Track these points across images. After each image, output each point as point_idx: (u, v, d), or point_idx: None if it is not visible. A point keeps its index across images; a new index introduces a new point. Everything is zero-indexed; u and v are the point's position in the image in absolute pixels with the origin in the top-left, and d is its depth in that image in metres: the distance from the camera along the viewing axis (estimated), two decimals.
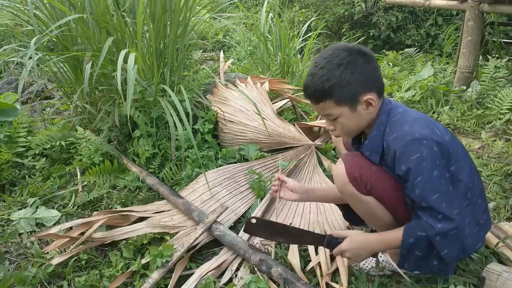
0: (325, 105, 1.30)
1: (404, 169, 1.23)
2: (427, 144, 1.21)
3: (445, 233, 1.21)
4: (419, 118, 1.28)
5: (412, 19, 5.93)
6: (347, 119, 1.32)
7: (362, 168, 1.34)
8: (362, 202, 1.36)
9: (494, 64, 3.32)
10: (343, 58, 1.25)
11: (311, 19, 4.43)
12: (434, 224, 1.21)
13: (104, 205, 2.07)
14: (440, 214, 1.20)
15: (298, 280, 1.44)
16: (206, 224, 1.74)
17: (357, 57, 1.26)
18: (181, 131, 1.99)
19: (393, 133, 1.28)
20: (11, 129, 2.43)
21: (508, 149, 2.51)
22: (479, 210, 1.37)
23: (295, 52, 3.60)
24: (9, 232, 1.85)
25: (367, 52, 1.29)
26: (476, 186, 1.36)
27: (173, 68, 2.45)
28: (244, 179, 2.18)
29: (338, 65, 1.25)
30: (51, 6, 2.30)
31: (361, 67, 1.26)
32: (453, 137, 1.33)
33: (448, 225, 1.20)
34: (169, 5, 2.24)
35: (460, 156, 1.29)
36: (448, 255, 1.25)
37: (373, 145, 1.33)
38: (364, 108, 1.30)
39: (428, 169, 1.20)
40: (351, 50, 1.27)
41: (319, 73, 1.27)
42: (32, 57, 1.87)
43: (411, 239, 1.26)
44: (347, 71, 1.24)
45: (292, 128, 2.52)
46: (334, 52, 1.28)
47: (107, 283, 1.53)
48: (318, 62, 1.29)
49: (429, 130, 1.24)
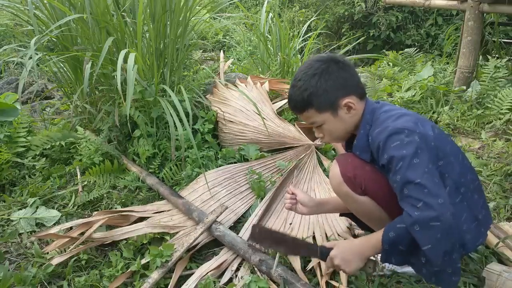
0: (308, 114, 1.37)
1: (386, 158, 1.22)
2: (408, 133, 1.21)
3: (424, 223, 1.12)
4: (404, 114, 1.30)
5: (412, 19, 5.93)
6: (331, 125, 1.37)
7: (356, 168, 1.36)
8: (358, 202, 1.38)
9: (494, 64, 3.32)
10: (316, 68, 1.33)
11: (311, 19, 4.42)
12: (411, 212, 1.14)
13: (104, 205, 2.07)
14: (419, 202, 1.13)
15: (297, 281, 1.44)
16: (206, 224, 1.74)
17: (330, 65, 1.33)
18: (181, 131, 1.99)
19: (376, 128, 1.30)
20: (11, 129, 2.43)
21: (508, 149, 2.51)
22: (477, 205, 1.34)
23: (295, 52, 3.60)
24: (9, 232, 1.86)
25: (340, 59, 1.35)
26: (470, 181, 1.34)
27: (173, 68, 2.45)
28: (244, 179, 2.18)
29: (313, 75, 1.32)
30: (51, 6, 2.30)
31: (335, 74, 1.32)
32: (441, 133, 1.32)
33: (427, 213, 1.11)
34: (169, 5, 2.25)
35: (448, 152, 1.28)
36: (431, 251, 1.13)
37: (362, 144, 1.36)
38: (346, 112, 1.34)
39: (409, 156, 1.18)
40: (323, 60, 1.35)
41: (298, 84, 1.35)
42: (32, 57, 1.87)
43: (391, 232, 1.22)
44: (321, 79, 1.31)
45: (292, 128, 2.52)
46: (309, 64, 1.36)
47: (107, 283, 1.53)
48: (297, 75, 1.37)
49: (413, 124, 1.24)
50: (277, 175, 2.26)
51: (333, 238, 1.68)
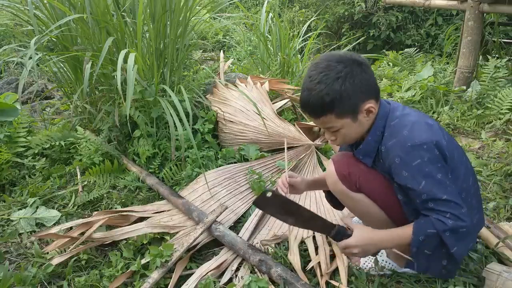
0: (326, 119, 1.28)
1: (406, 175, 1.23)
2: (427, 148, 1.21)
3: (455, 230, 1.21)
4: (418, 121, 1.27)
5: (412, 19, 5.93)
6: (349, 130, 1.31)
7: (351, 166, 1.38)
8: (353, 199, 1.40)
9: (494, 64, 3.32)
10: (340, 70, 1.22)
11: (311, 19, 4.42)
12: (446, 221, 1.21)
13: (104, 205, 2.07)
14: (447, 213, 1.21)
15: (297, 281, 1.44)
16: (205, 224, 1.74)
17: (353, 68, 1.23)
18: (181, 131, 1.99)
19: (392, 138, 1.27)
20: (11, 129, 2.43)
21: (508, 149, 2.51)
22: (473, 210, 1.37)
23: (295, 52, 3.60)
24: (9, 232, 1.86)
25: (362, 61, 1.27)
26: (471, 186, 1.36)
27: (173, 68, 2.45)
28: (244, 179, 2.18)
29: (336, 79, 1.21)
30: (51, 6, 2.30)
31: (358, 78, 1.23)
32: (450, 138, 1.33)
33: (458, 222, 1.21)
34: (169, 5, 2.25)
35: (455, 157, 1.30)
36: (457, 252, 1.25)
37: (367, 150, 1.35)
38: (365, 116, 1.29)
39: (431, 173, 1.21)
40: (346, 61, 1.24)
41: (317, 88, 1.23)
42: (32, 57, 1.87)
43: (421, 236, 1.25)
44: (345, 83, 1.22)
45: (292, 128, 2.52)
46: (329, 65, 1.24)
47: (107, 283, 1.53)
48: (314, 76, 1.25)
49: (429, 133, 1.23)
50: (277, 175, 2.26)
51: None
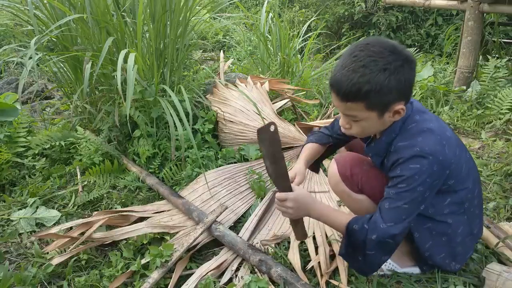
0: (353, 105, 1.18)
1: (398, 173, 1.23)
2: (431, 161, 1.18)
3: (382, 237, 1.22)
4: (434, 131, 1.23)
5: (412, 19, 5.92)
6: (370, 124, 1.23)
7: (353, 167, 1.38)
8: (355, 199, 1.41)
9: (494, 64, 3.32)
10: (389, 62, 1.12)
11: (311, 19, 4.43)
12: (379, 223, 1.23)
13: (104, 205, 2.07)
14: (391, 222, 1.22)
15: (297, 281, 1.44)
16: (205, 224, 1.74)
17: (404, 65, 1.14)
18: (181, 131, 1.99)
19: (405, 140, 1.24)
20: (11, 129, 2.43)
21: (508, 149, 2.51)
22: (475, 220, 1.39)
23: (295, 52, 3.60)
24: (9, 232, 1.86)
25: (413, 59, 1.17)
26: (476, 196, 1.37)
27: (173, 68, 2.45)
28: (244, 179, 2.18)
29: (383, 70, 1.11)
30: (51, 6, 2.30)
31: (405, 75, 1.14)
32: (462, 152, 1.31)
33: (391, 230, 1.22)
34: (169, 5, 2.24)
35: (463, 172, 1.29)
36: (372, 257, 1.27)
37: (379, 149, 1.34)
38: (390, 116, 1.21)
39: (416, 183, 1.20)
40: (400, 54, 1.14)
41: (360, 71, 1.12)
42: (32, 57, 1.87)
43: (355, 225, 1.28)
44: (391, 77, 1.12)
45: (292, 128, 2.52)
46: (381, 51, 1.13)
47: (107, 283, 1.53)
48: (360, 57, 1.13)
49: (439, 148, 1.20)
50: None
51: (333, 238, 1.68)
